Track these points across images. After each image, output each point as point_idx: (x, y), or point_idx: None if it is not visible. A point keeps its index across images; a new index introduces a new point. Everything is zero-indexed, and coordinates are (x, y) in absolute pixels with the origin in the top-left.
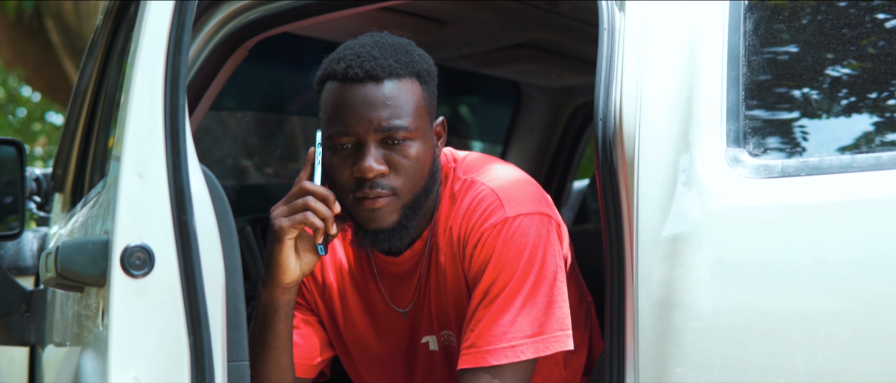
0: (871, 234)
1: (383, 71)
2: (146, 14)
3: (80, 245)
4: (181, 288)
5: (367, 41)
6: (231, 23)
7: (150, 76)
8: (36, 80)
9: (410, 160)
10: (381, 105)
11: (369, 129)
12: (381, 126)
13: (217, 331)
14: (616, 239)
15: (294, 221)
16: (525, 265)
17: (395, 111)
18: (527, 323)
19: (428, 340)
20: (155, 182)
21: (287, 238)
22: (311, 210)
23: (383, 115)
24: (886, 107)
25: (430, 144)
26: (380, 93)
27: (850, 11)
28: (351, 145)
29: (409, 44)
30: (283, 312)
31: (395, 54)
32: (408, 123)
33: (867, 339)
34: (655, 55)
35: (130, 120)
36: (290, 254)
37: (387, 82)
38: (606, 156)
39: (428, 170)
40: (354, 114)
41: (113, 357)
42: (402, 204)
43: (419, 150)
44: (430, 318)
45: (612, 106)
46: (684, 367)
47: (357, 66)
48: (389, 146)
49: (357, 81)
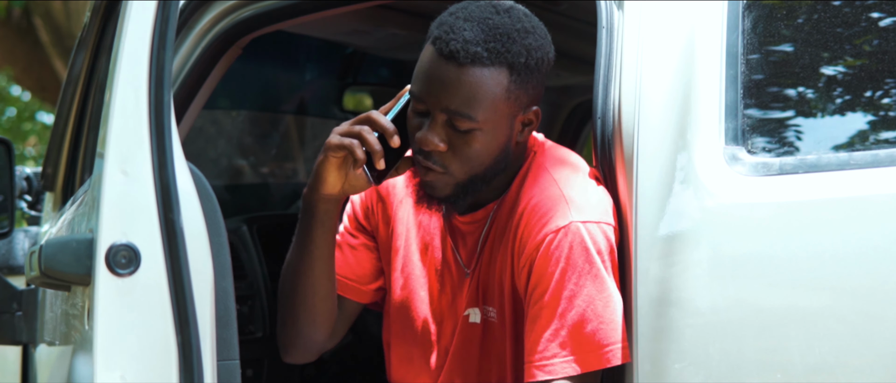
0: (869, 231)
1: (467, 57)
2: (129, 9)
3: (65, 243)
4: (168, 287)
5: (475, 14)
6: (224, 21)
7: (133, 73)
8: (25, 79)
9: (471, 148)
10: (454, 90)
11: (437, 106)
12: (448, 108)
13: (206, 330)
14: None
15: (341, 143)
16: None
17: (466, 100)
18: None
19: (470, 312)
20: (140, 179)
21: (330, 154)
22: (361, 139)
23: (453, 100)
24: (884, 105)
25: (504, 135)
26: (458, 76)
27: (848, 10)
28: (424, 110)
29: (525, 30)
30: (318, 218)
31: (493, 39)
32: (476, 114)
33: (864, 335)
34: (654, 53)
35: (114, 117)
36: (330, 169)
37: (469, 69)
38: (605, 155)
39: (492, 158)
40: (428, 87)
41: (98, 356)
42: (455, 182)
43: (484, 141)
44: (477, 289)
45: (610, 104)
46: (682, 363)
47: (446, 42)
48: (455, 129)
49: (441, 56)
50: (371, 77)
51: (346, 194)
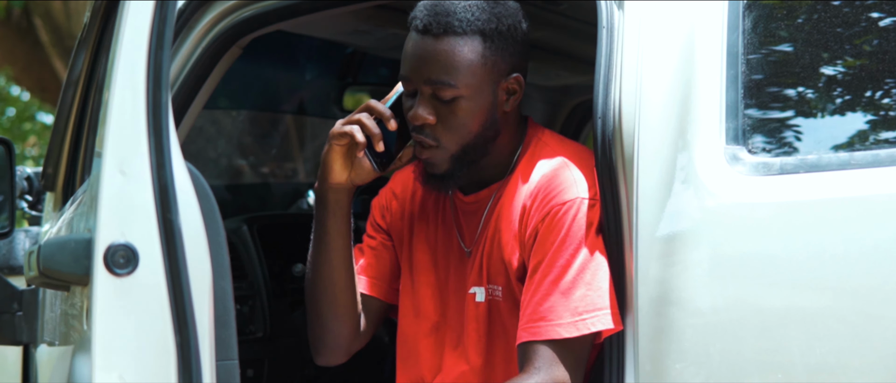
0: (869, 231)
1: (441, 27)
2: (127, 9)
3: (63, 243)
4: (166, 287)
5: None
6: (224, 21)
7: (131, 73)
8: (25, 79)
9: (457, 117)
10: (432, 60)
11: (420, 80)
12: (430, 79)
13: (204, 330)
14: (615, 236)
15: (341, 130)
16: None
17: (444, 68)
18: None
19: (475, 291)
20: (138, 179)
21: (334, 143)
22: (360, 124)
23: (433, 70)
24: (884, 105)
25: (487, 101)
26: (434, 47)
27: (848, 10)
28: (411, 90)
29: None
30: (331, 209)
31: (462, 11)
32: (456, 81)
33: (864, 335)
34: (654, 53)
35: (112, 117)
36: (336, 158)
37: (443, 39)
38: (605, 154)
39: (480, 125)
40: (409, 63)
41: (96, 356)
42: (450, 154)
43: (468, 108)
44: (481, 268)
45: (611, 104)
46: (683, 363)
47: (421, 17)
48: (440, 100)
49: (418, 32)
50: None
51: (353, 183)
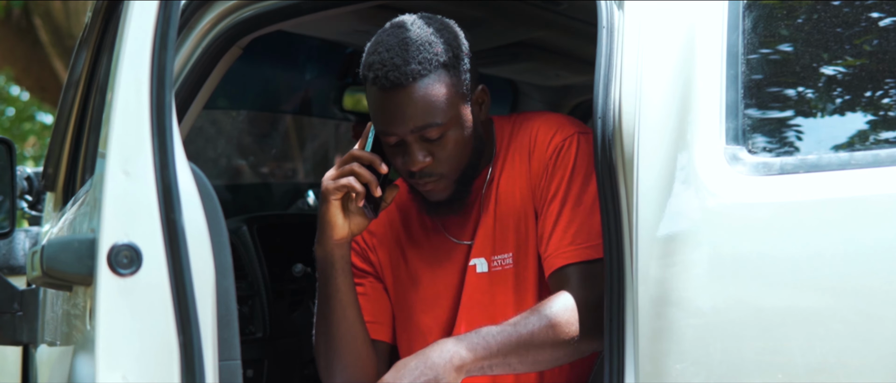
0: (870, 231)
1: (407, 77)
2: (131, 10)
3: (66, 243)
4: (170, 287)
5: (392, 42)
6: (224, 21)
7: (135, 73)
8: (25, 78)
9: (450, 149)
10: (412, 109)
11: (406, 132)
12: (416, 127)
13: (208, 330)
14: (615, 236)
15: (338, 184)
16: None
17: (425, 112)
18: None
19: (476, 263)
20: (142, 180)
21: (332, 198)
22: (355, 174)
23: (416, 119)
24: (884, 105)
25: (469, 122)
26: (408, 97)
27: (848, 10)
28: (396, 141)
29: (436, 30)
30: (339, 266)
31: (419, 52)
32: (440, 119)
33: (865, 335)
34: (654, 53)
35: (116, 117)
36: (336, 213)
37: (414, 86)
38: (605, 154)
39: (471, 146)
40: (390, 119)
41: (100, 356)
42: (452, 181)
43: (457, 136)
44: (483, 243)
45: (611, 104)
46: (683, 364)
47: (383, 77)
48: (429, 140)
49: (386, 89)
50: None
51: (353, 235)
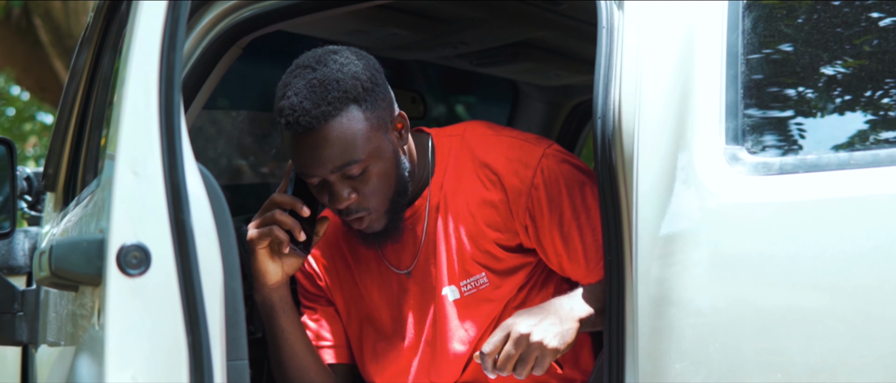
0: (870, 231)
1: (318, 120)
2: (139, 11)
3: (75, 244)
4: (178, 287)
5: (299, 85)
6: (224, 21)
7: (144, 74)
8: (25, 79)
9: (374, 182)
10: (328, 150)
11: (326, 172)
12: (335, 167)
13: (215, 330)
14: (615, 236)
15: (261, 233)
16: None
17: (342, 151)
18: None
19: (447, 292)
20: (151, 180)
21: (258, 247)
22: (276, 222)
23: (334, 159)
24: (884, 105)
25: (390, 152)
26: (323, 139)
27: (848, 10)
28: (318, 182)
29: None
30: (279, 308)
31: (325, 93)
32: (357, 156)
33: (864, 335)
34: (654, 53)
35: (125, 118)
36: (265, 260)
37: (327, 127)
38: (605, 155)
39: (396, 175)
40: (308, 162)
41: (109, 357)
42: (383, 212)
43: (379, 170)
44: (443, 271)
45: (611, 104)
46: (683, 363)
47: (295, 123)
48: (352, 177)
49: (300, 134)
50: None
51: (288, 276)
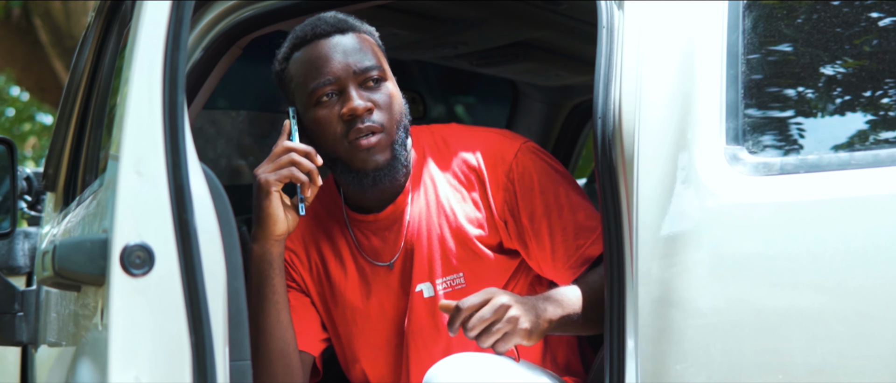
0: (870, 231)
1: (345, 24)
2: (143, 10)
3: (78, 244)
4: (182, 287)
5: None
6: (224, 21)
7: (148, 74)
8: (25, 79)
9: (389, 96)
10: (353, 50)
11: (349, 72)
12: (359, 67)
13: (219, 330)
14: (615, 237)
15: (280, 175)
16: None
17: (365, 55)
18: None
19: (422, 288)
20: (154, 180)
21: (274, 189)
22: (295, 164)
23: (357, 58)
24: (884, 105)
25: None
26: (348, 40)
27: (848, 10)
28: (334, 94)
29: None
30: (277, 265)
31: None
32: (378, 63)
33: (865, 336)
34: (654, 53)
35: (129, 118)
36: (278, 205)
37: (350, 33)
38: (605, 155)
39: (403, 108)
40: (332, 62)
41: (113, 357)
42: (390, 140)
43: (393, 90)
44: (422, 266)
45: (611, 104)
46: (684, 364)
47: (323, 23)
48: (368, 87)
49: (326, 36)
50: None
51: (289, 232)
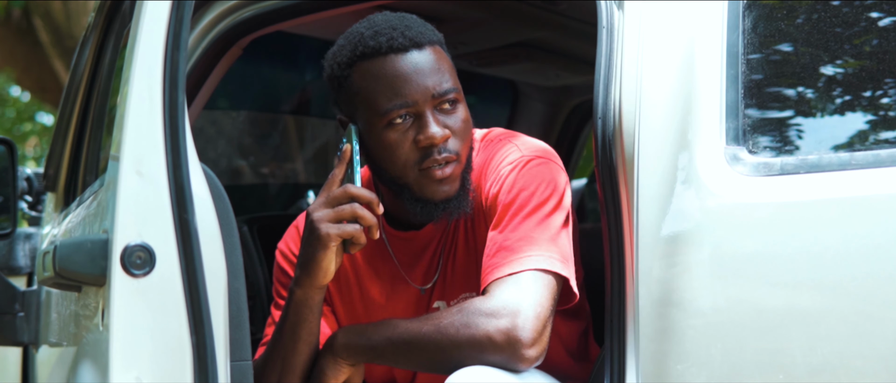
0: (870, 231)
1: (423, 38)
2: (144, 11)
3: (79, 244)
4: (183, 288)
5: (385, 17)
6: (224, 21)
7: (148, 74)
8: (25, 79)
9: (464, 122)
10: (432, 71)
11: (427, 97)
12: (437, 91)
13: (219, 331)
14: (616, 237)
15: (343, 231)
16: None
17: (443, 76)
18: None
19: (439, 305)
20: (155, 180)
21: (332, 245)
22: (357, 218)
23: (437, 81)
24: (884, 105)
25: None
26: (426, 59)
27: (848, 10)
28: (409, 117)
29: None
30: (317, 309)
31: (419, 25)
32: (455, 84)
33: (865, 336)
34: (654, 53)
35: (129, 118)
36: (331, 259)
37: (427, 48)
38: (606, 155)
39: (472, 130)
40: (410, 85)
41: (114, 357)
42: (462, 169)
43: (466, 113)
44: (444, 286)
45: (611, 104)
46: (684, 364)
47: (399, 36)
48: (444, 112)
49: (402, 51)
50: None
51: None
